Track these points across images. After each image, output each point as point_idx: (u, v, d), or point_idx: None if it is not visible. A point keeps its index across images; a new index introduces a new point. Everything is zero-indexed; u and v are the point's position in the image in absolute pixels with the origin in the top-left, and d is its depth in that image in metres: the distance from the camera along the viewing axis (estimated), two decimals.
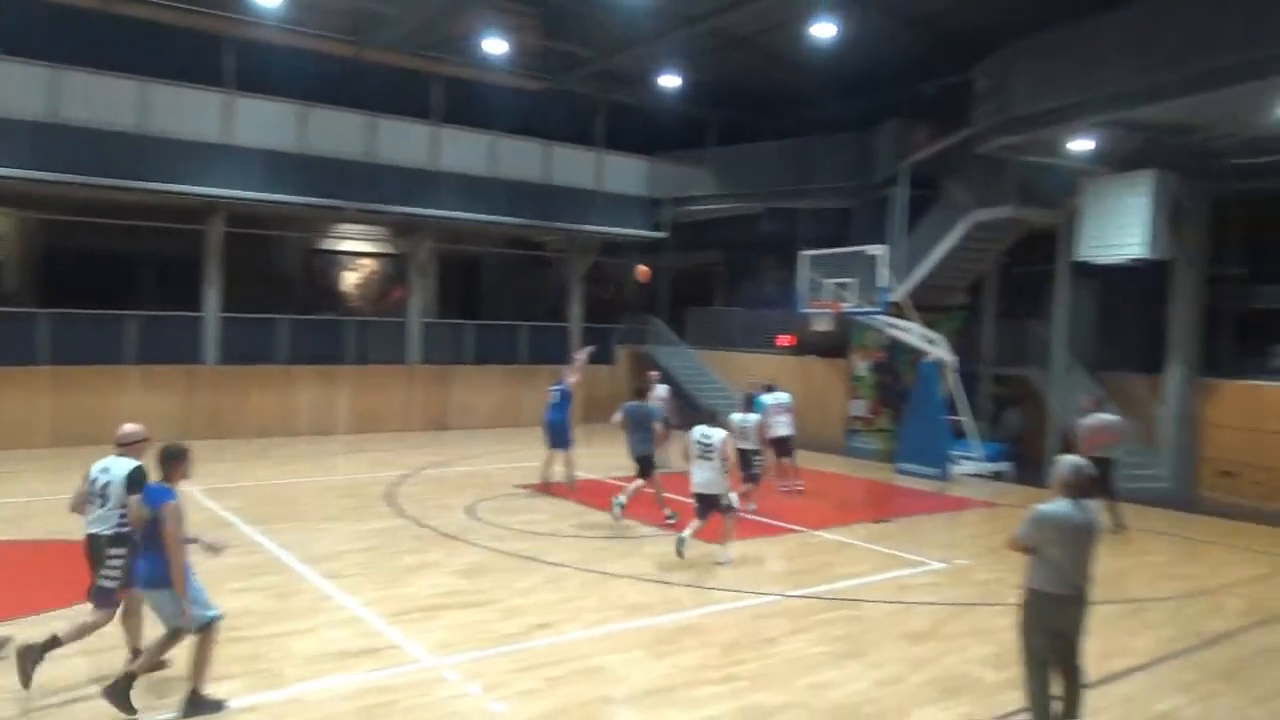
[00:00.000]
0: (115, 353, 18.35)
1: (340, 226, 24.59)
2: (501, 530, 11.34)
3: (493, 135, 21.62)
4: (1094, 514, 5.63)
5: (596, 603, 8.50)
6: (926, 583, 9.63)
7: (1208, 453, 15.89)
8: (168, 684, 6.17)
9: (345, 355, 21.09)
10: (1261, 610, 8.92)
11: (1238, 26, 11.80)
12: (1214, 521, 13.58)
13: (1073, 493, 5.55)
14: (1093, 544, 5.57)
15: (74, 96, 16.72)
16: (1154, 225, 14.48)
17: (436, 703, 6.18)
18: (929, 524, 12.84)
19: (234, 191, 18.18)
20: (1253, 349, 16.83)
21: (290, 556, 9.83)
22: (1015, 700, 6.27)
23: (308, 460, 17.04)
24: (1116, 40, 13.29)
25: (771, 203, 23.38)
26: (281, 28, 18.93)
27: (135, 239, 21.01)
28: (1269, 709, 6.49)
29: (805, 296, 17.37)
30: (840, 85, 22.27)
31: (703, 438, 10.00)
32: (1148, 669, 7.18)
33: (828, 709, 6.24)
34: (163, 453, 5.95)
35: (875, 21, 18.41)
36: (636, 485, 11.96)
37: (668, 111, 24.46)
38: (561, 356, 24.20)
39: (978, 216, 17.82)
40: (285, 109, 19.00)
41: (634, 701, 6.30)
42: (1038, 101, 14.28)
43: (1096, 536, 5.60)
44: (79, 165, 16.58)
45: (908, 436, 17.17)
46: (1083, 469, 5.62)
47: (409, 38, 19.37)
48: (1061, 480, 5.61)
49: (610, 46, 20.52)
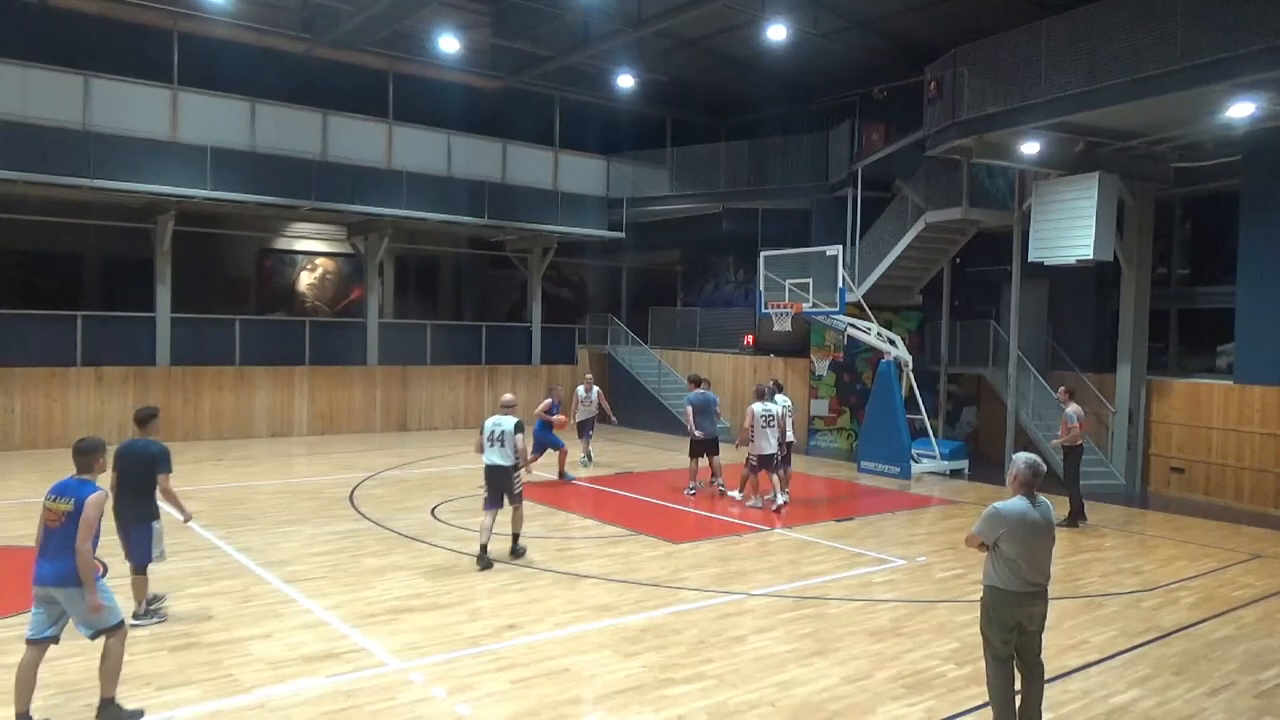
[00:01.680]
0: (64, 354, 17.94)
1: (294, 226, 24.27)
2: (466, 532, 11.27)
3: (449, 134, 21.46)
4: (1050, 511, 5.68)
5: (563, 603, 8.47)
6: (889, 580, 9.74)
7: (1158, 449, 16.28)
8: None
9: (302, 356, 20.81)
10: (1213, 604, 9.14)
11: (1179, 34, 12.11)
12: (1166, 517, 13.91)
13: (1029, 490, 5.61)
14: (1049, 541, 5.64)
15: (13, 91, 16.30)
16: (1099, 227, 14.82)
17: (402, 706, 6.11)
18: (890, 522, 12.99)
19: (183, 189, 17.83)
20: (1197, 348, 17.29)
21: (250, 560, 9.68)
22: (978, 695, 6.38)
23: (266, 462, 16.79)
24: (1062, 45, 13.58)
25: (730, 203, 23.52)
26: (231, 23, 18.65)
27: (83, 238, 20.60)
28: (1222, 700, 6.65)
29: (765, 297, 17.49)
30: (797, 87, 22.54)
31: (765, 411, 12.85)
32: (1104, 663, 7.32)
33: (795, 706, 6.29)
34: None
35: (828, 24, 18.65)
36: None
37: (625, 111, 24.51)
38: (522, 357, 24.21)
39: (930, 218, 18.10)
40: (235, 106, 18.68)
41: (602, 701, 6.29)
42: (984, 105, 14.54)
43: (1052, 533, 5.67)
44: (20, 162, 16.17)
45: (869, 435, 17.37)
46: (1038, 465, 5.65)
47: (361, 34, 19.16)
48: (1018, 477, 5.64)
49: (565, 46, 20.52)
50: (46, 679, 5.99)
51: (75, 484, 5.79)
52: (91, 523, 5.65)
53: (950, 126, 15.04)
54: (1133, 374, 16.26)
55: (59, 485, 5.80)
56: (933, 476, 16.85)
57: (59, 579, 5.61)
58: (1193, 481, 15.68)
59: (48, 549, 5.67)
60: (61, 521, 5.65)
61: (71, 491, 5.72)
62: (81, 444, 5.96)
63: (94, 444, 6.00)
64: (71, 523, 5.62)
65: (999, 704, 5.66)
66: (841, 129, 20.99)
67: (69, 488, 5.76)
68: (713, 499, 13.91)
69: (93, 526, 5.66)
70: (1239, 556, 11.29)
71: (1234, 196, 15.44)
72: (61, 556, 5.60)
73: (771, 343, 21.41)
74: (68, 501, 5.68)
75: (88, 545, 5.61)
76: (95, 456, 5.94)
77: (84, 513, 5.62)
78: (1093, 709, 6.38)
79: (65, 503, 5.68)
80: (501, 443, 9.73)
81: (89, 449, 5.95)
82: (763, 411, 12.93)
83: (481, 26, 20.78)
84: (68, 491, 5.73)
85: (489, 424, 9.87)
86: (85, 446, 5.96)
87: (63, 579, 5.61)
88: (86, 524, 5.62)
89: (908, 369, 17.15)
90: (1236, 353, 15.35)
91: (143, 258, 19.34)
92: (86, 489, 5.74)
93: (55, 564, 5.62)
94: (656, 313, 26.59)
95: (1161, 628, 8.29)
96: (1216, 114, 13.19)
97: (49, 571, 5.64)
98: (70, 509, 5.65)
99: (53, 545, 5.65)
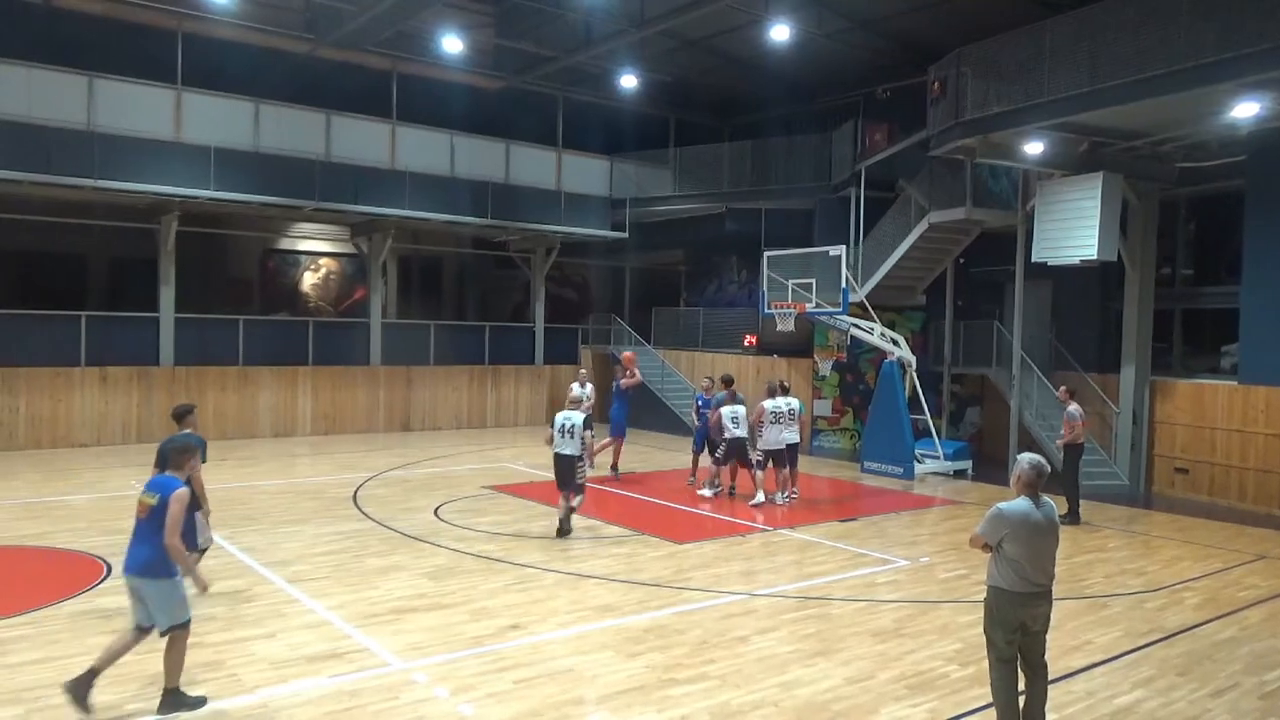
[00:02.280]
0: (69, 354, 17.97)
1: (298, 226, 24.29)
2: (469, 532, 11.28)
3: (452, 134, 21.46)
4: (1053, 511, 5.67)
5: (566, 603, 8.48)
6: (892, 580, 9.73)
7: (1161, 450, 16.25)
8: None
9: (306, 356, 20.83)
10: (1217, 605, 9.12)
11: (1183, 34, 12.07)
12: (1170, 518, 13.88)
13: (1032, 491, 5.60)
14: (1053, 541, 5.63)
15: (17, 92, 16.31)
16: (1103, 227, 14.79)
17: (405, 706, 6.12)
18: (894, 522, 12.98)
19: (186, 190, 17.83)
20: (1201, 349, 17.26)
21: (253, 560, 9.69)
22: (981, 696, 6.37)
23: (269, 462, 16.81)
24: (1065, 45, 13.54)
25: (733, 203, 23.50)
26: (235, 24, 18.65)
27: (87, 238, 20.63)
28: (1226, 701, 6.64)
29: (768, 297, 17.48)
30: (800, 87, 22.52)
31: (775, 407, 13.39)
32: (1108, 664, 7.31)
33: (798, 707, 6.28)
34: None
35: (831, 24, 18.64)
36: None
37: (628, 112, 24.50)
38: (525, 357, 24.23)
39: (934, 218, 18.08)
40: (239, 106, 18.68)
41: (605, 702, 6.29)
42: (988, 105, 14.52)
43: (1056, 534, 5.66)
44: (25, 162, 16.19)
45: (872, 435, 17.35)
46: (1042, 466, 5.63)
47: (364, 34, 19.16)
48: (1021, 478, 5.63)
49: (568, 46, 20.51)
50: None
51: (164, 480, 6.11)
52: (176, 518, 5.89)
53: (954, 126, 15.02)
54: (1137, 374, 16.23)
55: (152, 480, 6.15)
56: (936, 477, 16.83)
57: (139, 568, 5.91)
58: (1197, 482, 15.64)
59: (134, 539, 6.01)
60: (147, 514, 5.96)
61: (159, 487, 6.03)
62: (173, 442, 6.55)
63: (185, 443, 6.63)
64: (155, 516, 5.91)
65: (1002, 705, 5.65)
66: (845, 129, 20.97)
67: (158, 484, 6.07)
68: (719, 501, 13.91)
69: (178, 521, 5.90)
70: (1243, 557, 11.27)
71: (1238, 196, 15.40)
72: (143, 546, 5.92)
73: (774, 343, 21.40)
74: (153, 496, 5.99)
75: (176, 539, 5.88)
76: (186, 456, 6.45)
77: (169, 509, 5.88)
78: (1097, 710, 6.37)
79: (152, 497, 6.00)
80: (571, 435, 11.09)
81: (180, 448, 6.45)
82: (773, 408, 13.32)
83: (485, 27, 20.79)
84: (156, 487, 6.04)
85: (560, 418, 11.27)
86: (177, 445, 6.51)
87: (142, 568, 5.91)
88: (172, 520, 5.87)
89: (911, 369, 17.13)
90: (1241, 353, 15.31)
91: (147, 258, 19.36)
92: (172, 485, 6.02)
93: (136, 552, 5.95)
94: (660, 313, 26.58)
95: (1166, 629, 8.27)
96: (1221, 114, 13.15)
97: (131, 560, 5.97)
98: (155, 503, 5.95)
99: (137, 535, 5.98)
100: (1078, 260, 15.20)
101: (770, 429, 13.36)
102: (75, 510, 12.12)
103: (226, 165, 18.20)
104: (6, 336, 17.39)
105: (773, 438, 13.38)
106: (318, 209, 19.87)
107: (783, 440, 13.48)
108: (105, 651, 5.95)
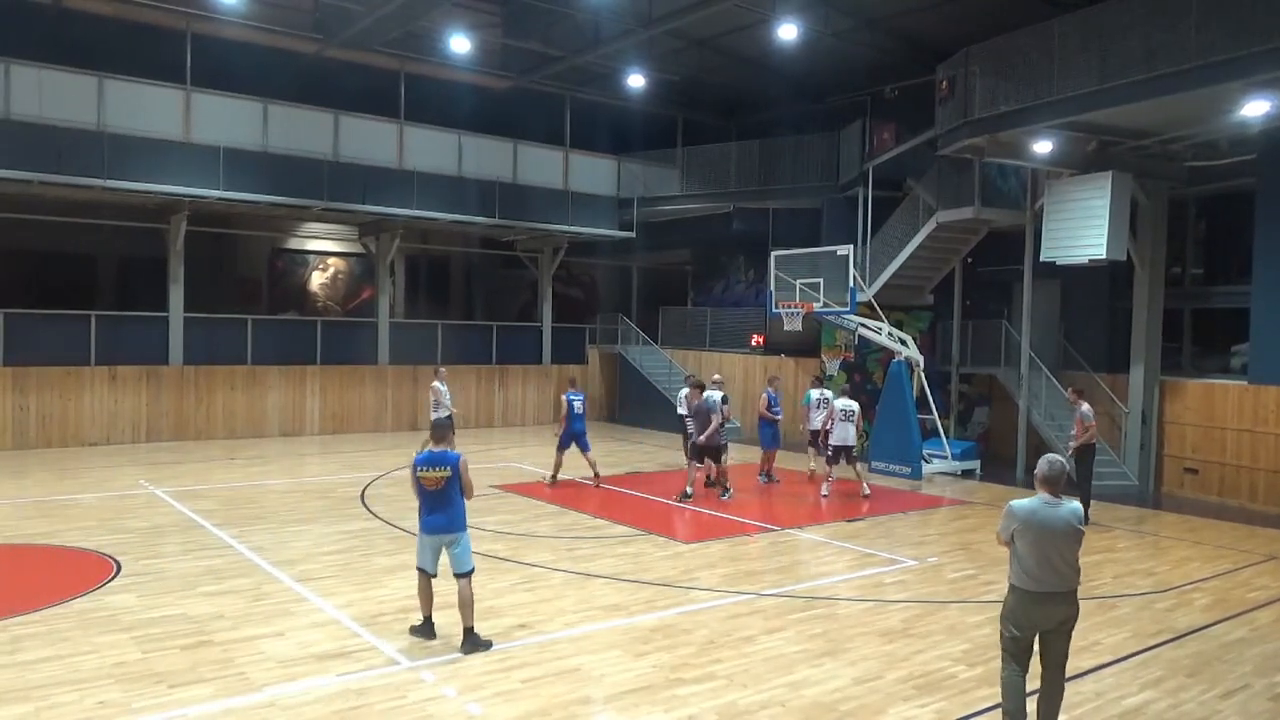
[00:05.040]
0: (79, 353, 18.06)
1: (306, 226, 24.37)
2: (476, 531, 11.26)
3: (460, 134, 21.49)
4: (1071, 514, 5.61)
5: (574, 603, 8.48)
6: (900, 580, 9.70)
7: (1171, 450, 16.18)
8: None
9: (314, 356, 20.88)
10: (1227, 606, 9.08)
11: (1193, 32, 12.02)
12: (1179, 518, 13.81)
13: (1048, 489, 5.61)
14: (1065, 541, 5.56)
15: (28, 92, 16.40)
16: (1112, 227, 14.73)
17: (413, 705, 6.12)
18: (901, 522, 12.95)
19: (196, 190, 17.90)
20: (1211, 348, 17.18)
21: (262, 559, 9.71)
22: (989, 697, 6.36)
23: (278, 461, 16.85)
24: (1074, 44, 13.49)
25: (740, 202, 23.49)
26: (243, 24, 18.72)
27: (97, 238, 20.72)
28: (1236, 702, 6.61)
29: (776, 296, 17.46)
30: (808, 86, 22.47)
31: (846, 406, 14.34)
32: (1117, 665, 7.28)
33: (805, 707, 6.27)
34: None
35: (838, 23, 18.61)
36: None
37: (636, 111, 24.49)
38: (532, 356, 24.25)
39: (941, 217, 18.03)
40: (248, 106, 18.75)
41: (612, 701, 6.29)
42: (996, 104, 14.48)
43: (1071, 535, 5.58)
44: (35, 162, 16.27)
45: (880, 435, 17.31)
46: (1059, 465, 5.65)
47: (372, 35, 19.20)
48: (1037, 475, 5.69)
49: (575, 46, 20.52)
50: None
51: (441, 454, 7.25)
52: (469, 479, 7.30)
53: (962, 125, 14.99)
54: (1146, 374, 16.16)
55: (427, 456, 7.26)
56: (944, 477, 16.79)
57: (448, 527, 7.22)
58: (1206, 482, 15.57)
59: (435, 506, 7.22)
60: (442, 485, 7.17)
61: (443, 460, 7.20)
62: (440, 422, 7.91)
63: (446, 422, 7.99)
64: (450, 485, 7.17)
65: (1009, 705, 5.64)
66: (852, 128, 20.93)
67: (438, 457, 7.22)
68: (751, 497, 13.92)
69: (471, 480, 7.32)
70: (1253, 558, 11.21)
71: (1249, 195, 15.32)
72: (447, 510, 7.20)
73: (782, 342, 21.38)
74: (444, 469, 7.17)
75: (473, 492, 7.38)
76: (446, 431, 7.54)
77: (461, 476, 7.23)
78: (1106, 710, 6.35)
79: (442, 470, 7.16)
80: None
81: (445, 425, 7.75)
82: (843, 407, 14.39)
83: (492, 27, 20.81)
84: (439, 460, 7.21)
85: (713, 395, 13.73)
86: (444, 423, 7.85)
87: (450, 526, 7.22)
88: (468, 484, 7.30)
89: (919, 369, 17.09)
90: (1251, 353, 15.24)
91: (156, 258, 19.44)
92: (453, 455, 7.26)
93: (444, 516, 7.21)
94: (667, 312, 26.59)
95: (1175, 629, 8.24)
96: (1231, 113, 13.08)
97: (441, 522, 7.22)
98: (449, 474, 7.17)
99: (440, 502, 7.22)
100: (1086, 260, 15.15)
101: (837, 426, 14.42)
102: (85, 509, 12.17)
103: (235, 165, 18.25)
104: (17, 336, 17.48)
105: (839, 434, 14.37)
106: (326, 209, 19.93)
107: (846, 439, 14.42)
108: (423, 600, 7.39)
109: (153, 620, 7.63)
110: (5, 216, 18.06)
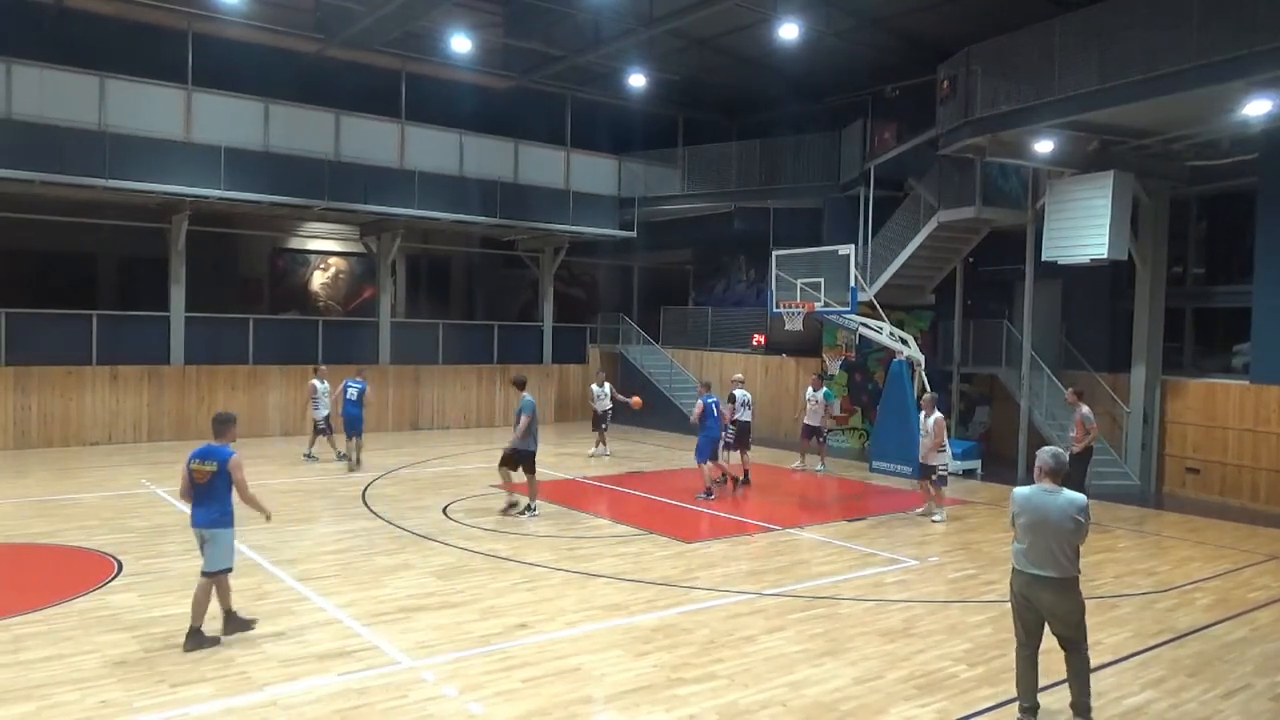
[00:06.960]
0: (80, 353, 18.06)
1: (307, 225, 24.37)
2: (477, 530, 11.30)
3: (461, 133, 21.48)
4: (1070, 505, 5.78)
5: (574, 602, 8.48)
6: (901, 580, 9.71)
7: (1172, 450, 16.17)
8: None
9: (315, 355, 20.87)
10: (1228, 605, 9.08)
11: (1194, 31, 12.02)
12: (1181, 518, 13.81)
13: (1047, 479, 5.91)
14: (1056, 531, 5.75)
15: (30, 92, 16.39)
16: (1113, 226, 14.73)
17: (413, 705, 6.12)
18: (902, 522, 12.94)
19: (197, 189, 17.90)
20: (1213, 348, 17.17)
21: (263, 558, 9.71)
22: (991, 696, 6.37)
23: (278, 461, 16.84)
24: (1075, 43, 13.49)
25: (741, 202, 23.48)
26: (244, 24, 18.72)
27: (98, 238, 20.72)
28: (1237, 702, 6.60)
29: (777, 296, 17.46)
30: (809, 86, 22.47)
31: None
32: (1118, 664, 7.28)
33: (806, 706, 6.27)
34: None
35: (840, 23, 18.60)
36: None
37: (637, 111, 24.50)
38: (534, 356, 24.24)
39: (943, 217, 18.02)
40: (249, 106, 18.74)
41: (613, 701, 6.29)
42: (997, 103, 14.47)
43: (1063, 524, 5.75)
44: (37, 162, 16.26)
45: (881, 435, 17.30)
46: (1062, 456, 5.97)
47: (373, 34, 19.20)
48: (1038, 467, 5.99)
49: (576, 45, 20.52)
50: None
51: (214, 449, 7.13)
52: (243, 480, 7.14)
53: (963, 125, 14.98)
54: (1147, 374, 16.15)
55: (201, 450, 7.12)
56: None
57: (205, 522, 7.09)
58: (1208, 482, 15.56)
59: (198, 500, 7.10)
60: (207, 479, 7.04)
61: (212, 455, 7.08)
62: (219, 415, 7.38)
63: (228, 416, 7.44)
64: (216, 481, 7.03)
65: (1018, 682, 6.00)
66: (853, 128, 20.93)
67: (210, 452, 7.10)
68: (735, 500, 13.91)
69: (245, 480, 7.16)
70: (1255, 558, 11.21)
71: (1250, 195, 15.32)
72: (208, 505, 7.07)
73: (783, 342, 21.37)
74: (211, 464, 7.04)
75: (248, 492, 7.21)
76: (228, 426, 7.31)
77: (232, 474, 7.07)
78: (1107, 710, 6.34)
79: (210, 464, 7.04)
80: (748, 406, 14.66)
81: (226, 420, 7.36)
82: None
83: (493, 26, 20.81)
84: (209, 455, 7.09)
85: (739, 394, 15.05)
86: (223, 417, 7.38)
87: (209, 522, 7.09)
88: (239, 484, 7.12)
89: (920, 368, 17.07)
90: (1252, 352, 15.24)
91: (157, 257, 19.44)
92: (225, 452, 7.11)
93: (203, 510, 7.09)
94: (668, 312, 26.58)
95: (1176, 629, 8.23)
96: (1232, 112, 13.08)
97: (199, 516, 7.11)
98: (215, 470, 7.03)
99: (202, 497, 7.08)
100: (1088, 259, 15.15)
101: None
102: (86, 508, 12.18)
103: (236, 165, 18.26)
104: (19, 335, 17.48)
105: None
106: (327, 208, 19.93)
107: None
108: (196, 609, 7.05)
109: (154, 619, 7.63)
110: (7, 216, 18.06)
